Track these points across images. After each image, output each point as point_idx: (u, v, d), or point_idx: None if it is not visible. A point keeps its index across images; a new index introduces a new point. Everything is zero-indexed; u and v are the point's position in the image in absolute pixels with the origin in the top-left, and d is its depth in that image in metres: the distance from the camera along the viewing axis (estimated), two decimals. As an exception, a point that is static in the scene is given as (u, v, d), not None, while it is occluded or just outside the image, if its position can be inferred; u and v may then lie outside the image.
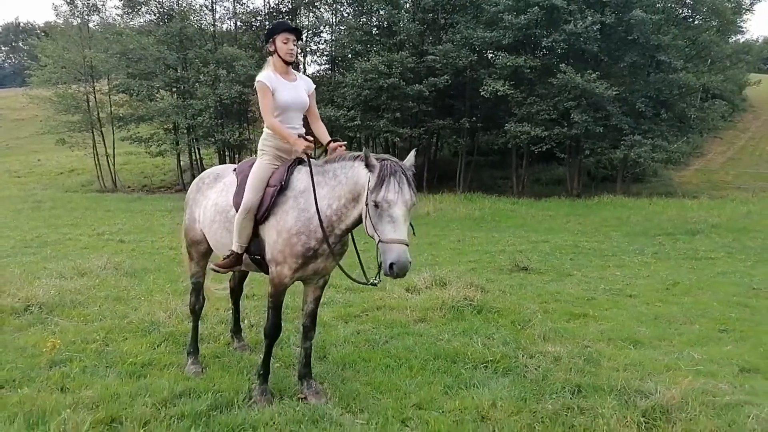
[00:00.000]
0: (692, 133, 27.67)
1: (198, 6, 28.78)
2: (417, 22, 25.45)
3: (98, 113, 28.17)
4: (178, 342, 5.06)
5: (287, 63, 3.98)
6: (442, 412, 3.81)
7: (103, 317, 5.72)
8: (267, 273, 3.99)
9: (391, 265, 3.22)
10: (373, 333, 5.50)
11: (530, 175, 28.31)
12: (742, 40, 31.26)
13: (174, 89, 28.02)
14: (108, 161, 28.36)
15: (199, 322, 4.78)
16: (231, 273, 4.79)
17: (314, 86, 4.19)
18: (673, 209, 19.12)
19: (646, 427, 3.59)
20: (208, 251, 4.49)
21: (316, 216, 3.62)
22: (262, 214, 3.82)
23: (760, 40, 39.48)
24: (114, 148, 28.46)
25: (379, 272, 3.46)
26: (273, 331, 3.97)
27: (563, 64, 23.12)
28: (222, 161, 28.46)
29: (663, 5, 24.35)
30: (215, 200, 4.23)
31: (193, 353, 4.52)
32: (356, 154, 3.67)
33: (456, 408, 3.84)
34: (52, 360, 4.44)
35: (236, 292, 5.03)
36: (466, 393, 4.08)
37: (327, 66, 31.76)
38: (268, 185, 3.86)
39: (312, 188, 3.67)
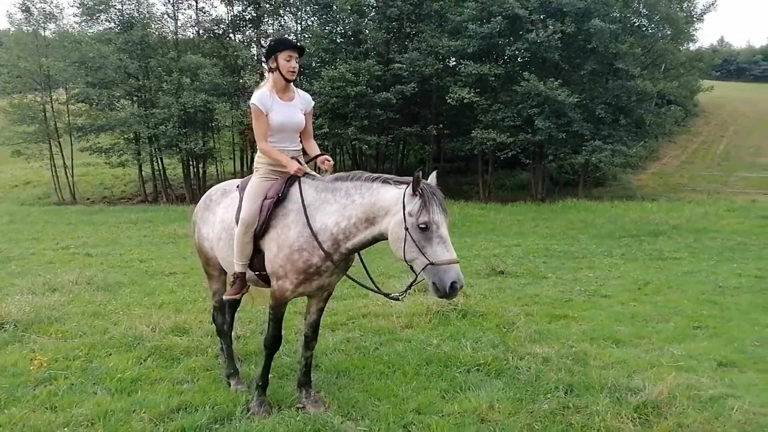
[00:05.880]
0: (649, 137, 28.68)
1: (159, 14, 28.29)
2: (383, 31, 25.65)
3: (55, 123, 27.32)
4: (165, 356, 4.97)
5: (288, 81, 3.91)
6: (442, 415, 3.86)
7: (83, 333, 5.56)
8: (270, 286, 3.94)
9: (452, 284, 3.20)
10: (362, 340, 5.52)
11: (495, 180, 28.79)
12: (693, 48, 32.64)
13: (135, 98, 27.45)
14: (66, 173, 27.51)
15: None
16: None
17: (312, 103, 4.14)
18: (635, 212, 19.76)
19: (639, 422, 3.72)
20: (220, 267, 4.39)
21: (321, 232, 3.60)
22: (259, 227, 3.76)
23: (710, 48, 41.38)
24: (72, 159, 27.62)
25: (408, 289, 3.61)
26: (273, 343, 3.93)
27: (526, 72, 23.67)
28: (186, 172, 27.99)
29: (620, 14, 25.20)
30: (222, 216, 4.18)
31: (233, 374, 4.41)
32: (375, 175, 3.64)
33: (455, 411, 3.90)
34: (36, 378, 4.29)
35: (233, 305, 4.92)
36: (462, 396, 4.14)
37: (292, 74, 31.58)
38: (266, 198, 3.81)
39: (302, 206, 3.65)
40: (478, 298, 7.08)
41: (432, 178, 3.48)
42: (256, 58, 28.80)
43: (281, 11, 28.98)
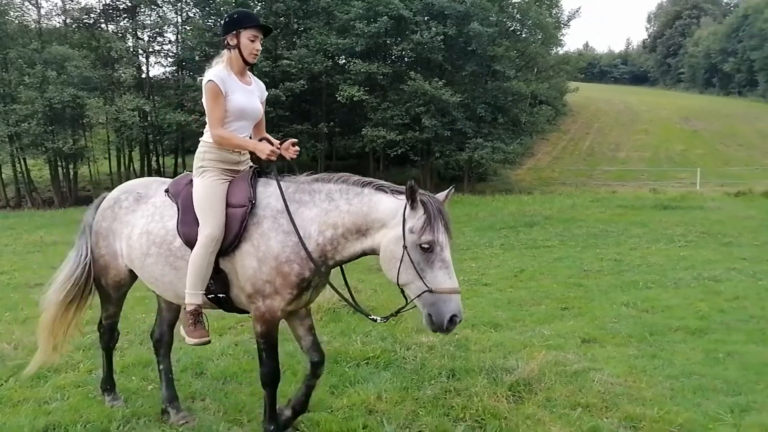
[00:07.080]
0: (524, 135, 30.81)
1: (19, 0, 25.58)
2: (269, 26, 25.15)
3: None
4: (30, 375, 4.54)
5: (248, 64, 3.43)
6: (331, 411, 3.91)
7: (-72, 357, 4.94)
8: (227, 311, 3.55)
9: (452, 317, 2.84)
10: (251, 343, 5.39)
11: (387, 177, 29.06)
12: (561, 52, 35.46)
13: (-9, 93, 24.67)
14: None
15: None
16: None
17: (266, 93, 3.67)
18: (513, 204, 21.05)
19: (513, 399, 4.01)
20: (128, 289, 3.91)
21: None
22: (231, 242, 3.22)
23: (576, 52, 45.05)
24: None
25: (395, 314, 3.23)
26: (272, 377, 3.39)
27: (412, 72, 24.42)
28: (54, 173, 25.67)
29: (496, 19, 26.76)
30: (145, 227, 3.50)
31: (109, 390, 4.05)
32: (365, 179, 3.22)
33: (344, 405, 3.97)
34: None
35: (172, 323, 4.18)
36: (351, 390, 4.22)
37: (173, 68, 30.09)
38: (229, 206, 3.27)
39: (287, 210, 3.14)
40: (369, 293, 7.22)
41: (444, 195, 3.13)
42: (132, 50, 27.04)
43: (159, 1, 27.42)
